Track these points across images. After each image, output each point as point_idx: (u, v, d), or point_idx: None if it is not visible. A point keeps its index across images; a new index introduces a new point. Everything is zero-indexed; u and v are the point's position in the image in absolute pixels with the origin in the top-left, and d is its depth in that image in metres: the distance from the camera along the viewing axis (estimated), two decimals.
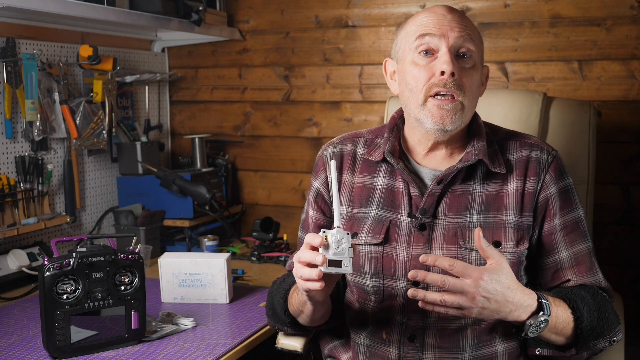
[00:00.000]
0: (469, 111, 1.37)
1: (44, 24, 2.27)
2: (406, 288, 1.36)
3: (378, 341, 1.41)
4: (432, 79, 1.33)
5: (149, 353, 1.54)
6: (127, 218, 2.39)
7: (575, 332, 1.29)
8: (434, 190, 1.38)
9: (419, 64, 1.35)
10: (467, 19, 1.39)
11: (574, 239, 1.39)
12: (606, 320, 1.32)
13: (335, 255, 1.20)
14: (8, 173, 2.13)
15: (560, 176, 1.40)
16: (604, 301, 1.35)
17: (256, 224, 2.44)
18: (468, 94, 1.34)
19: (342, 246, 1.20)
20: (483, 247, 1.21)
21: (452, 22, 1.35)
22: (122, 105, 2.61)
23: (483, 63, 1.42)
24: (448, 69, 1.31)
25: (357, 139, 1.53)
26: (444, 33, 1.33)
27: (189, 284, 1.88)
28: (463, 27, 1.35)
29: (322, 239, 1.20)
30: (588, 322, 1.29)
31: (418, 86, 1.35)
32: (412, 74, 1.36)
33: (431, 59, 1.34)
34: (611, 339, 1.34)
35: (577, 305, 1.29)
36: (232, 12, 2.75)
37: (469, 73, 1.35)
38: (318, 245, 1.19)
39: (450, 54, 1.32)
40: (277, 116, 2.73)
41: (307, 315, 1.39)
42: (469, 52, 1.35)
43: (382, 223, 1.41)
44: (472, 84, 1.35)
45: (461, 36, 1.34)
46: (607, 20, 2.23)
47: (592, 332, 1.30)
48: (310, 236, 1.21)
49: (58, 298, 1.49)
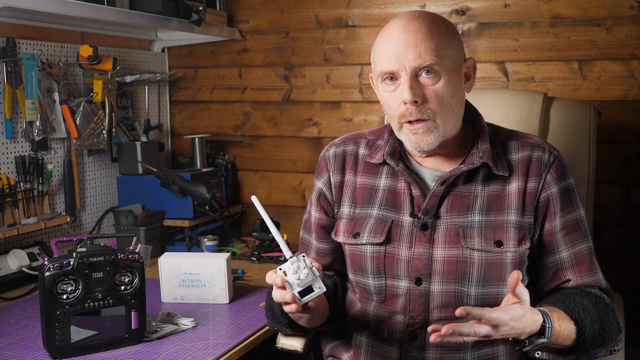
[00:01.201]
0: (447, 125, 1.36)
1: (44, 24, 2.27)
2: (408, 287, 1.37)
3: (380, 340, 1.42)
4: (400, 108, 1.34)
5: (149, 353, 1.54)
6: (127, 218, 2.39)
7: (577, 342, 1.30)
8: (437, 190, 1.38)
9: (387, 91, 1.37)
10: (428, 27, 1.33)
11: (574, 238, 1.39)
12: (608, 330, 1.32)
13: (300, 286, 1.23)
14: (8, 173, 2.13)
15: (562, 176, 1.40)
16: (606, 310, 1.34)
17: (256, 224, 2.44)
18: (438, 113, 1.33)
19: (302, 274, 1.22)
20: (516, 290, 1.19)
21: (408, 45, 1.31)
22: (122, 105, 2.61)
23: (463, 58, 1.39)
24: (408, 98, 1.31)
25: (359, 139, 1.53)
26: (400, 61, 1.32)
27: (189, 284, 1.88)
28: (420, 45, 1.31)
29: (282, 277, 1.23)
30: (590, 332, 1.29)
31: (392, 113, 1.38)
32: (385, 101, 1.39)
33: (396, 86, 1.35)
34: (612, 348, 1.35)
35: (580, 316, 1.29)
36: (232, 12, 2.75)
37: (436, 90, 1.32)
38: (281, 285, 1.23)
39: (410, 80, 1.31)
40: (277, 116, 2.73)
41: (305, 320, 1.40)
42: (431, 69, 1.32)
43: (384, 223, 1.41)
44: (442, 100, 1.33)
45: (419, 57, 1.31)
46: (607, 20, 2.23)
47: (594, 342, 1.31)
48: (270, 276, 1.25)
49: (58, 298, 1.49)
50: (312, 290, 1.23)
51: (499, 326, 1.16)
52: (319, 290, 1.23)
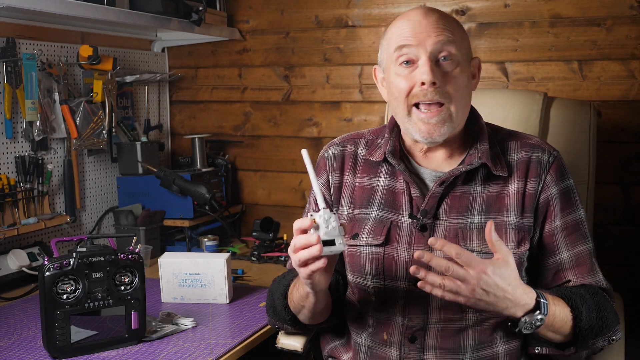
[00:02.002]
0: (459, 115, 1.36)
1: (44, 24, 2.27)
2: (407, 289, 1.37)
3: (379, 342, 1.41)
4: (414, 89, 1.33)
5: (149, 353, 1.54)
6: (127, 218, 2.39)
7: (574, 330, 1.29)
8: (435, 191, 1.38)
9: (400, 75, 1.35)
10: (445, 18, 1.36)
11: (574, 239, 1.39)
12: (605, 319, 1.32)
13: (326, 235, 1.20)
14: (8, 173, 2.13)
15: (561, 177, 1.40)
16: (604, 300, 1.34)
17: (256, 224, 2.44)
18: (454, 99, 1.34)
19: (331, 225, 1.21)
20: (492, 241, 1.20)
21: (429, 27, 1.33)
22: (122, 105, 2.61)
23: (471, 56, 1.41)
24: (427, 79, 1.31)
25: (358, 139, 1.53)
26: (421, 41, 1.32)
27: (189, 284, 1.88)
28: (441, 30, 1.33)
29: (311, 221, 1.21)
30: (587, 320, 1.29)
31: (401, 96, 1.35)
32: (396, 84, 1.37)
33: (412, 69, 1.34)
34: (610, 337, 1.34)
35: (576, 303, 1.29)
36: (232, 12, 2.75)
37: (452, 77, 1.34)
38: (308, 227, 1.20)
39: (429, 62, 1.32)
40: (277, 116, 2.73)
41: (308, 310, 1.39)
42: (450, 56, 1.33)
43: (383, 224, 1.41)
44: (458, 87, 1.34)
45: (439, 41, 1.32)
46: (607, 20, 2.23)
47: (591, 330, 1.30)
48: (299, 221, 1.22)
49: (58, 298, 1.49)
50: (334, 244, 1.21)
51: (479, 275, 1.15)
52: (341, 247, 1.21)
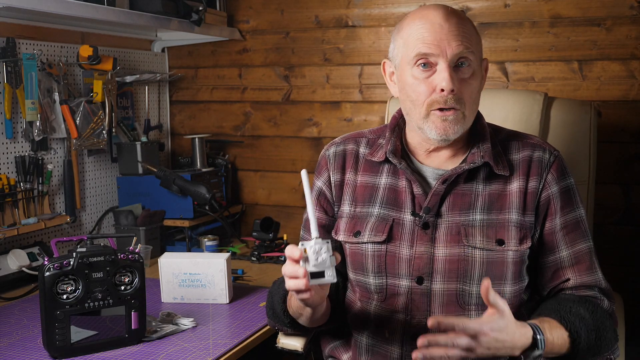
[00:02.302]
0: (470, 118, 1.38)
1: (44, 24, 2.27)
2: (409, 287, 1.37)
3: (380, 340, 1.41)
4: (433, 95, 1.34)
5: (149, 353, 1.54)
6: (127, 218, 2.39)
7: (572, 350, 1.30)
8: (438, 189, 1.38)
9: (418, 78, 1.35)
10: (464, 22, 1.36)
11: (574, 238, 1.39)
12: (604, 339, 1.32)
13: (315, 267, 1.20)
14: (8, 173, 2.13)
15: (562, 176, 1.41)
16: (603, 318, 1.34)
17: (256, 224, 2.44)
18: (468, 104, 1.35)
19: (321, 257, 1.20)
20: (489, 298, 1.19)
21: (450, 34, 1.33)
22: (122, 105, 2.61)
23: (482, 59, 1.42)
24: (448, 86, 1.31)
25: (359, 138, 1.53)
26: (442, 48, 1.32)
27: (189, 284, 1.88)
28: (461, 37, 1.33)
29: (301, 251, 1.20)
30: (585, 343, 1.29)
31: (419, 100, 1.35)
32: (413, 87, 1.36)
33: (430, 73, 1.34)
34: (608, 357, 1.35)
35: (575, 327, 1.29)
36: (232, 12, 2.75)
37: (469, 83, 1.35)
38: (297, 258, 1.20)
39: (449, 69, 1.32)
40: (277, 116, 2.73)
41: (306, 317, 1.40)
42: (468, 62, 1.34)
43: (385, 221, 1.41)
44: (472, 93, 1.36)
45: (461, 46, 1.33)
46: (607, 20, 2.23)
47: (589, 351, 1.31)
48: (290, 249, 1.21)
49: (58, 298, 1.49)
50: (323, 276, 1.21)
51: (478, 337, 1.16)
52: (330, 279, 1.21)
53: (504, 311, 1.20)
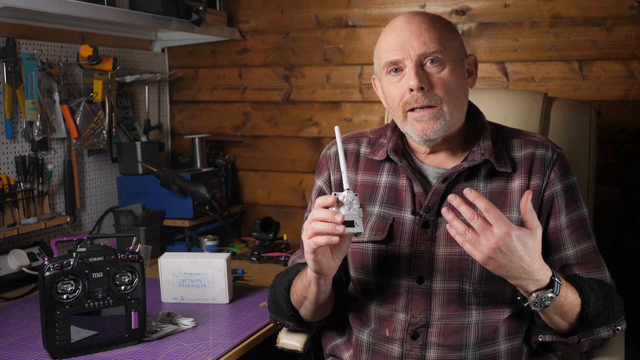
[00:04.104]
0: (454, 113, 1.37)
1: (44, 24, 2.27)
2: (410, 286, 1.38)
3: (381, 339, 1.42)
4: (405, 97, 1.36)
5: (149, 353, 1.54)
6: (127, 218, 2.39)
7: (581, 316, 1.30)
8: (438, 188, 1.38)
9: (392, 83, 1.38)
10: (429, 21, 1.37)
11: (580, 236, 1.39)
12: (612, 308, 1.32)
13: (348, 216, 1.22)
14: (8, 173, 2.13)
15: (565, 174, 1.41)
16: (610, 291, 1.36)
17: (256, 224, 2.44)
18: (445, 100, 1.35)
19: (353, 207, 1.23)
20: (526, 210, 1.21)
21: (412, 35, 1.35)
22: (122, 105, 2.61)
23: (465, 54, 1.42)
24: (414, 84, 1.33)
25: (360, 138, 1.54)
26: (406, 51, 1.34)
27: (189, 284, 1.88)
28: (424, 36, 1.34)
29: (334, 199, 1.22)
30: (594, 307, 1.29)
31: (395, 104, 1.38)
32: (389, 93, 1.40)
33: (401, 76, 1.37)
34: (615, 327, 1.34)
35: (585, 290, 1.30)
36: (232, 12, 2.75)
37: (442, 78, 1.35)
38: (331, 204, 1.22)
39: (415, 68, 1.33)
40: (277, 116, 2.73)
41: (310, 302, 1.40)
42: (437, 58, 1.35)
43: (386, 220, 1.41)
44: (448, 88, 1.35)
45: (424, 45, 1.34)
46: (607, 20, 2.23)
47: (597, 318, 1.31)
48: (322, 197, 1.24)
49: (58, 298, 1.49)
50: (353, 226, 1.23)
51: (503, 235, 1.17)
52: (359, 229, 1.23)
53: (535, 232, 1.21)
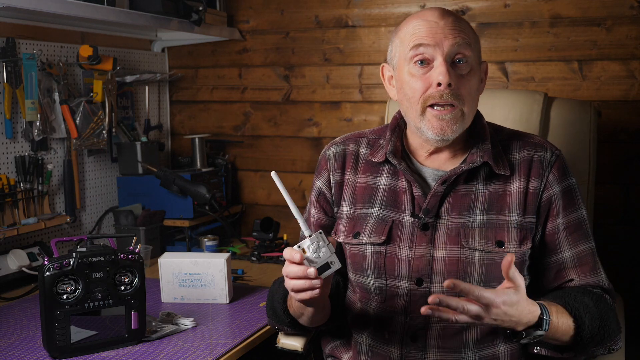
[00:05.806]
0: (469, 116, 1.38)
1: (44, 24, 2.27)
2: (409, 288, 1.37)
3: (380, 341, 1.41)
4: (429, 90, 1.33)
5: (149, 353, 1.54)
6: (127, 218, 2.39)
7: (575, 339, 1.29)
8: (437, 190, 1.38)
9: (415, 75, 1.35)
10: (461, 21, 1.37)
11: (577, 238, 1.39)
12: (607, 328, 1.32)
13: (320, 261, 1.22)
14: (8, 173, 2.13)
15: (564, 176, 1.41)
16: (607, 309, 1.34)
17: (256, 224, 2.44)
18: (467, 101, 1.35)
19: (321, 252, 1.22)
20: (509, 273, 1.19)
21: (446, 28, 1.33)
22: (122, 105, 2.61)
23: (481, 60, 1.42)
24: (444, 80, 1.31)
25: (360, 139, 1.53)
26: (438, 42, 1.32)
27: (189, 284, 1.88)
28: (457, 32, 1.34)
29: (300, 253, 1.21)
30: (589, 330, 1.29)
31: (415, 97, 1.35)
32: (410, 84, 1.36)
33: (427, 69, 1.34)
34: (611, 347, 1.35)
35: (580, 313, 1.29)
36: (232, 12, 2.75)
37: (466, 79, 1.34)
38: (299, 261, 1.21)
39: (446, 63, 1.32)
40: (277, 116, 2.73)
41: (307, 317, 1.40)
42: (465, 58, 1.34)
43: (385, 223, 1.41)
44: (471, 90, 1.35)
45: (456, 43, 1.33)
46: (607, 20, 2.23)
47: (592, 339, 1.30)
48: (288, 252, 1.22)
49: (58, 298, 1.49)
50: (329, 267, 1.22)
51: (490, 307, 1.16)
52: (336, 266, 1.23)
53: (519, 287, 1.20)
